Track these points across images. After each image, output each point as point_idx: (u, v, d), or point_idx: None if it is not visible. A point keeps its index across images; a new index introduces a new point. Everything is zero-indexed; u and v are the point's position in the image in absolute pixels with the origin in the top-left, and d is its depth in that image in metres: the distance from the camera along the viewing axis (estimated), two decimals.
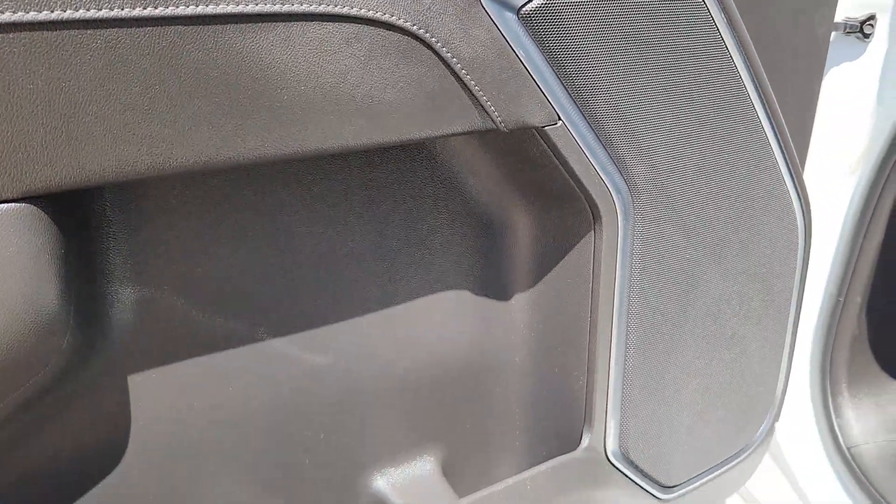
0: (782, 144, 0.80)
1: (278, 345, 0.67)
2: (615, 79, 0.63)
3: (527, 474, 0.71)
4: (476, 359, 0.77)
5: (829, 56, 1.04)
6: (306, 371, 0.68)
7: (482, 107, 0.57)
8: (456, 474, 0.79)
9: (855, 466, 1.09)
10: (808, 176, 1.06)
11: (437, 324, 0.74)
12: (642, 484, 0.81)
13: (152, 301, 0.60)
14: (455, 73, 0.55)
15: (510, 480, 0.70)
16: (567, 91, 0.61)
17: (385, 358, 0.72)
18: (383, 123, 0.54)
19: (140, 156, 0.47)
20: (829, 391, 1.13)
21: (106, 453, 0.62)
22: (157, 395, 0.62)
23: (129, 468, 0.63)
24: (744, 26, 0.70)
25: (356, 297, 0.70)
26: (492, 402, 0.79)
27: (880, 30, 1.03)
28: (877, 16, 1.02)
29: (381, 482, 0.75)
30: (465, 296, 0.75)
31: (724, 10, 0.68)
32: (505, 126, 0.59)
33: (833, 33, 1.02)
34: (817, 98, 1.03)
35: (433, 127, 0.57)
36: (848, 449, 1.11)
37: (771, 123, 0.78)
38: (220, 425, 0.66)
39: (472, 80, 0.56)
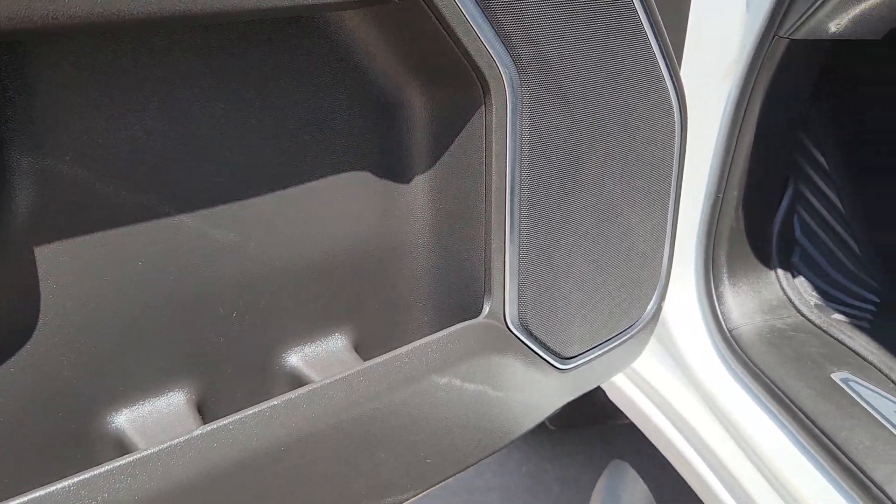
0: (660, 41, 0.86)
1: (184, 220, 0.69)
2: None
3: (431, 338, 0.76)
4: (380, 238, 0.81)
5: None
6: (215, 247, 0.71)
7: None
8: (366, 349, 0.84)
9: (736, 346, 1.19)
10: (685, 79, 1.14)
11: (340, 204, 0.78)
12: (540, 352, 0.87)
13: (54, 172, 0.61)
14: None
15: (415, 343, 0.75)
16: None
17: (291, 237, 0.75)
18: None
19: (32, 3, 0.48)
20: (711, 280, 1.23)
21: (11, 328, 0.63)
22: (63, 269, 0.64)
23: (36, 343, 0.64)
24: None
25: (258, 175, 0.72)
26: (397, 280, 0.84)
27: None
28: None
29: (295, 358, 0.79)
30: (367, 177, 0.79)
31: None
32: None
33: None
34: (689, 7, 1.10)
35: None
36: (730, 331, 1.21)
37: (650, 23, 0.84)
38: (129, 300, 0.68)
39: None
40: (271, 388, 0.79)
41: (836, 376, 1.11)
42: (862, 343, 1.17)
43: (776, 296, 1.27)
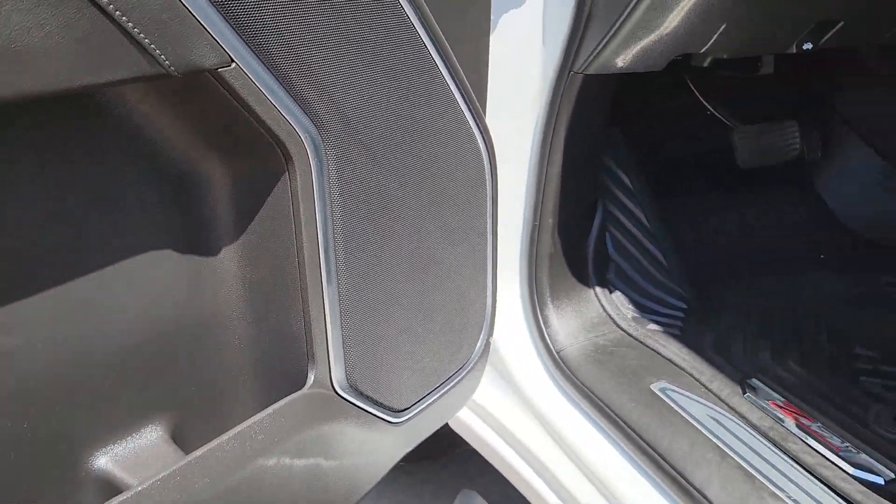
0: (461, 88, 0.87)
1: None
2: (287, 18, 0.65)
3: (254, 419, 0.72)
4: (190, 315, 0.76)
5: (496, 5, 1.15)
6: None
7: (146, 50, 0.56)
8: (187, 437, 0.78)
9: (564, 367, 1.24)
10: (492, 117, 1.17)
11: (142, 285, 0.72)
12: (373, 411, 0.86)
13: None
14: (108, 14, 0.53)
15: (237, 428, 0.71)
16: (236, 32, 0.62)
17: (86, 328, 0.69)
18: (32, 71, 0.51)
19: None
20: (537, 305, 1.27)
21: None
22: None
23: None
24: None
25: (43, 273, 0.65)
26: (214, 357, 0.79)
27: None
28: None
29: (104, 460, 0.72)
30: (169, 254, 0.73)
31: None
32: (175, 70, 0.58)
33: None
34: (488, 46, 1.13)
35: (95, 74, 0.55)
36: (557, 353, 1.26)
37: (448, 69, 0.85)
38: None
39: (129, 21, 0.54)
40: (81, 500, 0.71)
41: (655, 386, 1.18)
42: (674, 350, 1.25)
43: (597, 313, 1.33)
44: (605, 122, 1.30)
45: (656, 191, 1.49)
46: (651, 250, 1.45)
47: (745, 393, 1.16)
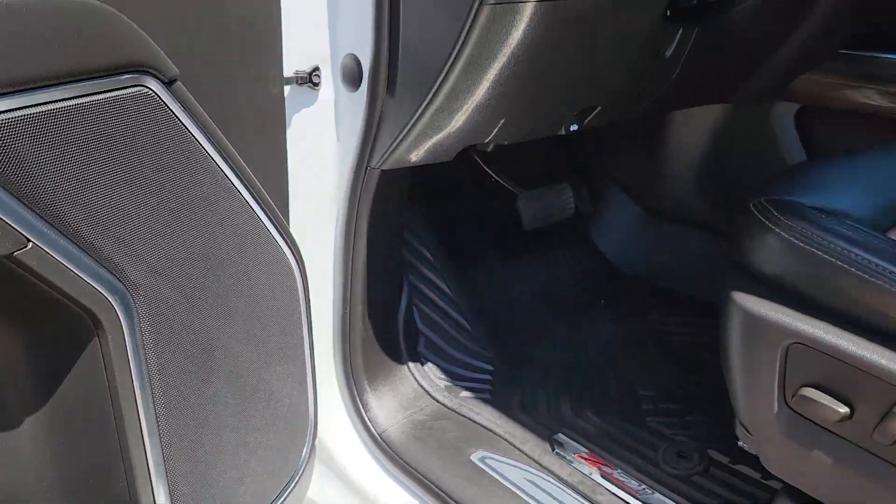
0: (264, 207, 0.88)
1: None
2: (82, 188, 0.62)
3: None
4: None
5: (290, 106, 1.17)
6: None
7: None
8: None
9: (388, 449, 1.27)
10: (298, 219, 1.19)
11: None
12: None
13: None
14: None
15: None
16: (33, 210, 0.59)
17: None
18: None
19: None
20: (355, 391, 1.30)
21: None
22: None
23: None
24: (205, 114, 0.76)
25: None
26: None
27: (325, 77, 1.19)
28: (320, 66, 1.18)
29: None
30: None
31: (186, 108, 0.72)
32: None
33: (287, 87, 1.14)
34: (285, 148, 1.15)
35: None
36: (379, 435, 1.29)
37: (249, 191, 0.85)
38: None
39: None
40: None
41: (475, 457, 1.25)
42: (487, 417, 1.33)
43: (412, 388, 1.38)
44: (404, 207, 1.36)
45: (457, 261, 1.58)
46: (456, 318, 1.53)
47: (553, 450, 1.27)
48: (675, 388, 1.46)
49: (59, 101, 0.59)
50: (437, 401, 1.38)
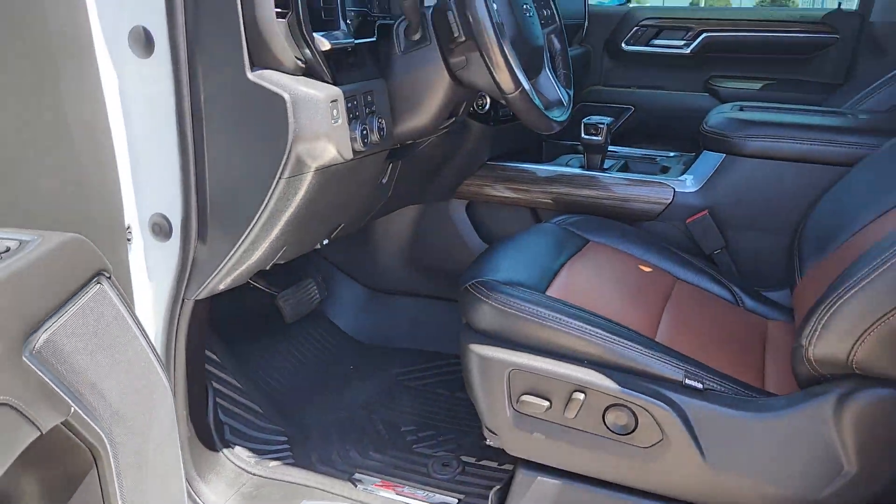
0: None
1: None
2: (92, 369, 0.91)
3: None
4: None
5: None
6: None
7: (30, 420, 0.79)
8: None
9: None
10: None
11: None
12: None
13: None
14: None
15: None
16: (69, 389, 0.86)
17: None
18: None
19: None
20: (189, 485, 1.57)
21: None
22: None
23: None
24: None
25: None
26: None
27: (136, 233, 1.48)
28: (131, 224, 1.46)
29: None
30: None
31: (119, 293, 1.02)
32: (43, 430, 0.81)
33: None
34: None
35: None
36: None
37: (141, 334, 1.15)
38: None
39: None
40: None
41: None
42: (297, 475, 1.69)
43: (232, 469, 1.68)
44: (208, 324, 1.67)
45: (240, 358, 1.91)
46: (249, 405, 1.86)
47: (356, 486, 1.68)
48: (426, 419, 1.96)
49: (71, 310, 0.87)
50: (255, 474, 1.70)
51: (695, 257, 1.90)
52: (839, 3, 3.10)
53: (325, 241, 1.78)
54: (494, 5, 1.46)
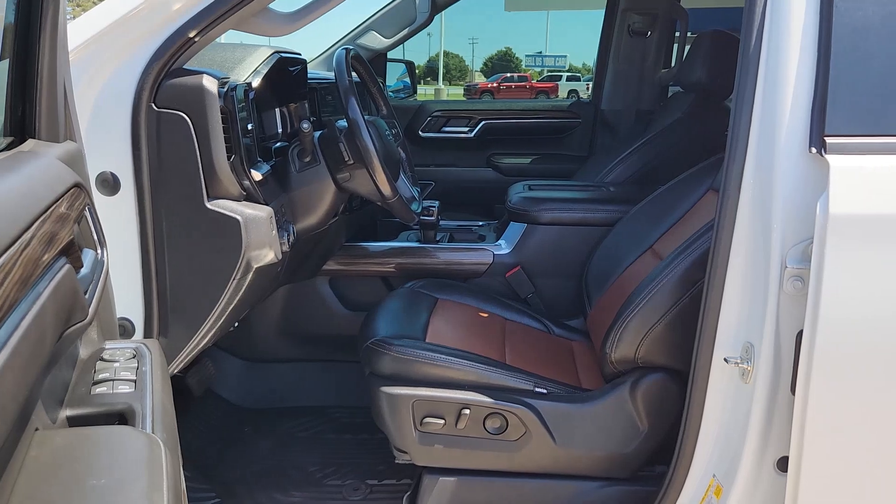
0: None
1: None
2: None
3: None
4: None
5: None
6: None
7: None
8: None
9: None
10: None
11: None
12: None
13: None
14: None
15: None
16: None
17: None
18: None
19: None
20: None
21: None
22: None
23: None
24: None
25: None
26: None
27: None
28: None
29: None
30: None
31: None
32: None
33: None
34: None
35: None
36: None
37: None
38: None
39: None
40: None
41: None
42: None
43: None
44: None
45: None
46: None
47: None
48: (326, 458, 2.38)
49: None
50: None
51: (515, 301, 2.55)
52: (578, 96, 4.06)
53: (236, 323, 2.18)
54: (372, 135, 2.00)
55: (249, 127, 1.84)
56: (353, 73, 2.20)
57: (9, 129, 1.09)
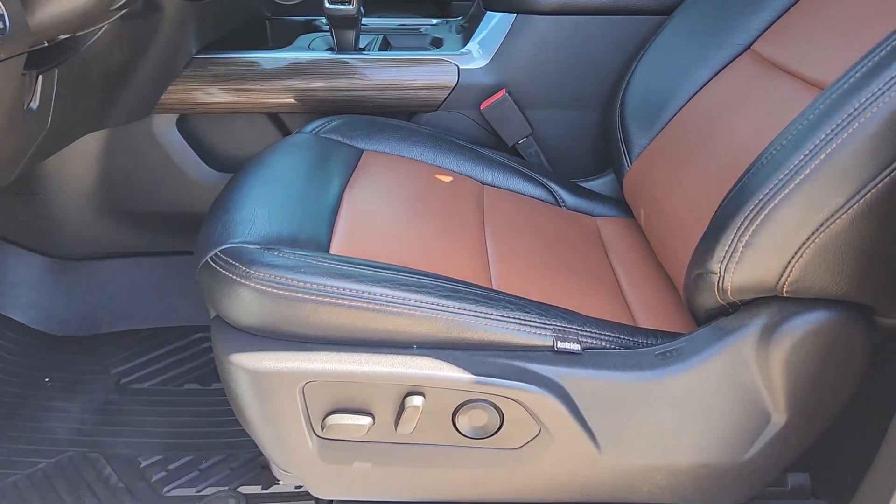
0: None
1: None
2: None
3: None
4: None
5: None
6: None
7: None
8: None
9: None
10: None
11: None
12: None
13: None
14: None
15: None
16: None
17: None
18: None
19: None
20: None
21: None
22: None
23: None
24: None
25: None
26: None
27: None
28: None
29: None
30: None
31: None
32: None
33: None
34: None
35: None
36: None
37: None
38: None
39: None
40: None
41: None
42: None
43: None
44: None
45: None
46: None
47: None
48: (175, 438, 1.38)
49: None
50: None
51: (496, 151, 1.47)
52: None
53: None
54: None
55: None
56: None
57: None
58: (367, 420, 0.93)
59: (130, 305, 1.67)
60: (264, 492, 1.22)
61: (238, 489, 1.23)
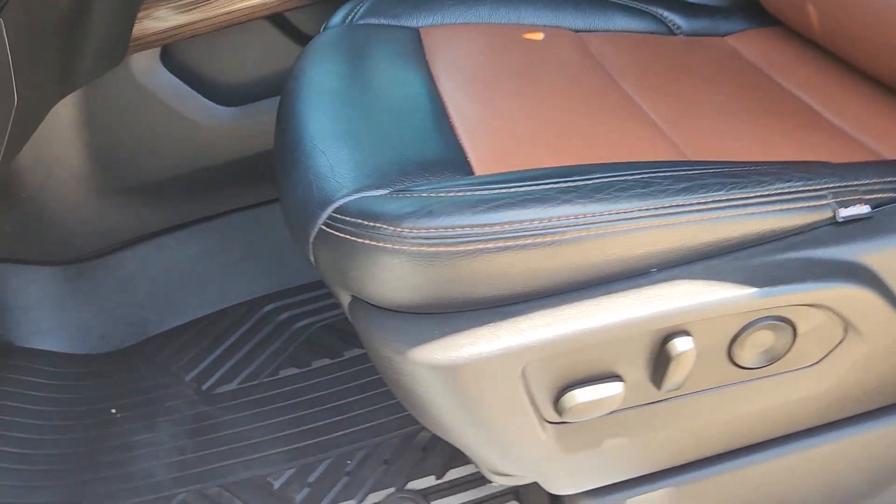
0: None
1: None
2: None
3: None
4: None
5: None
6: None
7: None
8: None
9: None
10: None
11: None
12: None
13: None
14: None
15: None
16: None
17: None
18: None
19: None
20: None
21: None
22: None
23: None
24: None
25: None
26: None
27: None
28: None
29: None
30: None
31: None
32: None
33: None
34: None
35: None
36: None
37: None
38: None
39: None
40: None
41: None
42: None
43: None
44: None
45: None
46: None
47: None
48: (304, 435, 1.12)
49: None
50: None
51: None
52: None
53: None
54: None
55: None
56: None
57: None
58: (617, 386, 0.67)
59: (173, 295, 1.37)
60: (440, 481, 0.98)
61: (407, 486, 0.98)
